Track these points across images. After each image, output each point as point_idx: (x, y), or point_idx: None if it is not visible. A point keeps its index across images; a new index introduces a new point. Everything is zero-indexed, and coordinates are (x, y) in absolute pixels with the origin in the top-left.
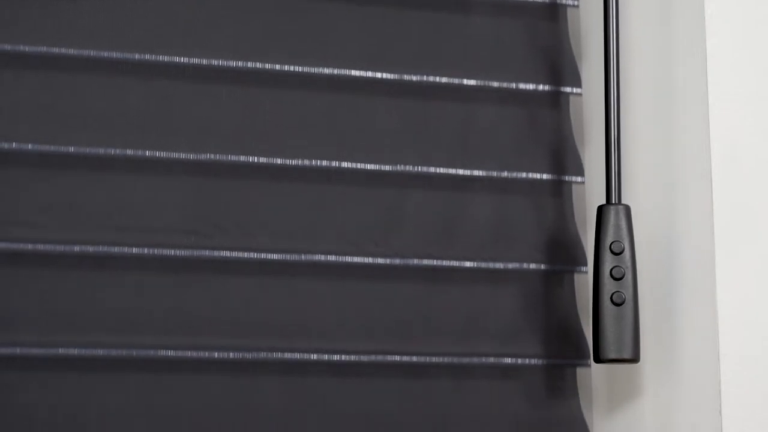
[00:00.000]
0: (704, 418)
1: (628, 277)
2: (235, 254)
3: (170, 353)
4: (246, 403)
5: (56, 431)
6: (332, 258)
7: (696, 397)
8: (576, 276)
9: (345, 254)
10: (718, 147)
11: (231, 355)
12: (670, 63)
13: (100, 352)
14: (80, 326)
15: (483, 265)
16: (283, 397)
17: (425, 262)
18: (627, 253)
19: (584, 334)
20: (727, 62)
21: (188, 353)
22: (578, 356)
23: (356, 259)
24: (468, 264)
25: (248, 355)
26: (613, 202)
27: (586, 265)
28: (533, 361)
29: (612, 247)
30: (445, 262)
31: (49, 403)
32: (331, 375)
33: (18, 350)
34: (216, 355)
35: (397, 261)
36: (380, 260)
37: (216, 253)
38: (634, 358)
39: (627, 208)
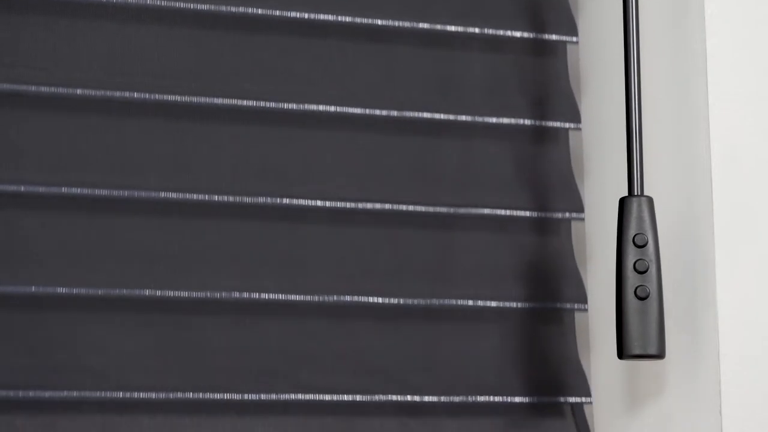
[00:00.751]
0: (704, 418)
1: (652, 270)
2: (233, 102)
3: (171, 195)
4: (245, 246)
5: (58, 268)
6: (331, 108)
7: (695, 396)
8: (571, 132)
9: (343, 105)
10: (718, 147)
11: (229, 198)
12: (671, 63)
13: (104, 192)
14: (83, 166)
15: (479, 119)
16: (282, 241)
17: (422, 114)
18: (651, 245)
19: (577, 188)
20: (727, 62)
21: (189, 195)
22: (571, 209)
23: (355, 110)
24: (463, 118)
25: (247, 200)
26: (636, 193)
27: (580, 121)
28: (527, 214)
29: (635, 239)
30: (442, 116)
31: (51, 240)
32: (329, 222)
33: (22, 188)
34: (216, 198)
35: (394, 113)
36: (377, 112)
37: (216, 100)
38: (660, 354)
39: (650, 200)
